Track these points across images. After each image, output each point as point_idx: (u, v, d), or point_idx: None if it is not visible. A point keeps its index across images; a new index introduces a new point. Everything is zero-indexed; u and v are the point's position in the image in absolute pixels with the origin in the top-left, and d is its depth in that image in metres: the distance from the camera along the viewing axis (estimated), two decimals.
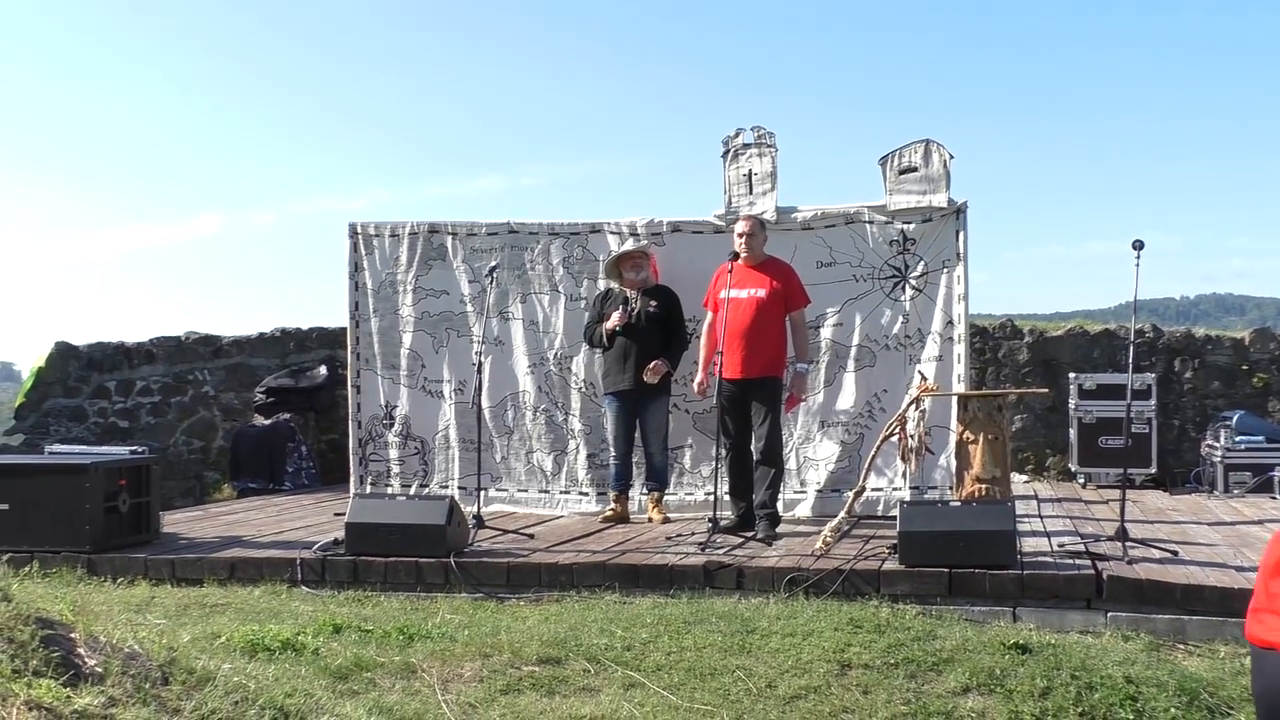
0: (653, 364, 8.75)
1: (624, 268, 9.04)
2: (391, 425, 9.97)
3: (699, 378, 8.66)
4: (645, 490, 9.17)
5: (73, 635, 3.93)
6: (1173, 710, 5.28)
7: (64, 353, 13.76)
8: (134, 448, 9.81)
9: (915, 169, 8.94)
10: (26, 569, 7.31)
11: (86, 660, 3.78)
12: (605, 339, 8.97)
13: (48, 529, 7.78)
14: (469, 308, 9.82)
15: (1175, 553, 7.27)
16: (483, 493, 8.92)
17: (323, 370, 13.26)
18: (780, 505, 8.45)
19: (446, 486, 9.71)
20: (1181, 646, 6.29)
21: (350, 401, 10.16)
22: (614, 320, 8.91)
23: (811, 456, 9.18)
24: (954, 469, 8.31)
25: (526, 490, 9.73)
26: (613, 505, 9.06)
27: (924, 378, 8.63)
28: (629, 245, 9.24)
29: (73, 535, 7.78)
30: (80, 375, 13.72)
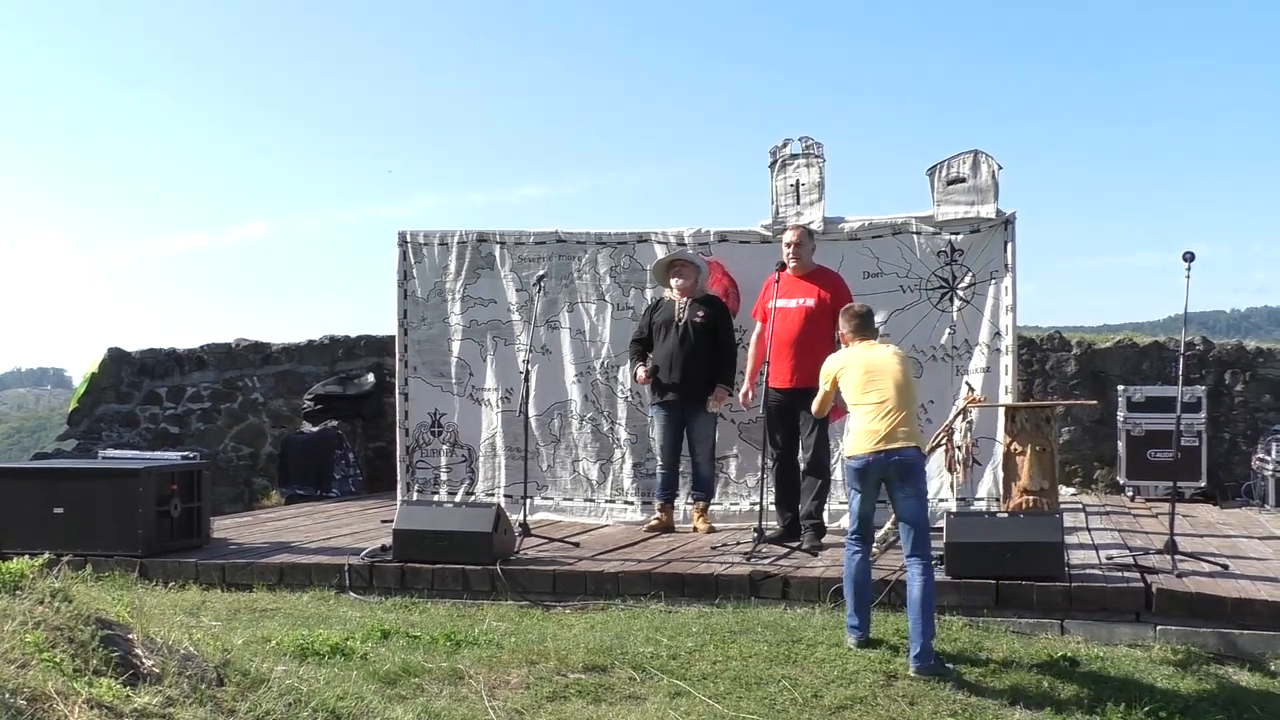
0: (716, 392, 8.82)
1: (672, 274, 9.05)
2: (439, 433, 10.04)
3: (744, 388, 8.67)
4: (691, 500, 9.18)
5: (130, 636, 4.01)
6: None
7: (117, 359, 13.94)
8: (185, 453, 9.93)
9: (963, 179, 8.91)
10: (81, 572, 7.42)
11: (144, 661, 3.85)
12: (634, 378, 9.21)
13: (101, 533, 7.90)
14: (516, 316, 9.87)
15: (1225, 566, 7.22)
16: (529, 501, 8.96)
17: (371, 378, 13.37)
18: (826, 516, 8.42)
19: (493, 494, 9.76)
20: (1232, 660, 6.24)
21: (398, 409, 10.23)
22: (640, 376, 9.10)
23: None
24: (1001, 480, 8.27)
25: (572, 499, 9.76)
26: (658, 514, 9.08)
27: (971, 389, 8.60)
28: (684, 254, 9.24)
29: (126, 539, 7.89)
30: (132, 381, 13.90)
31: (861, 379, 6.25)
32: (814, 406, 6.80)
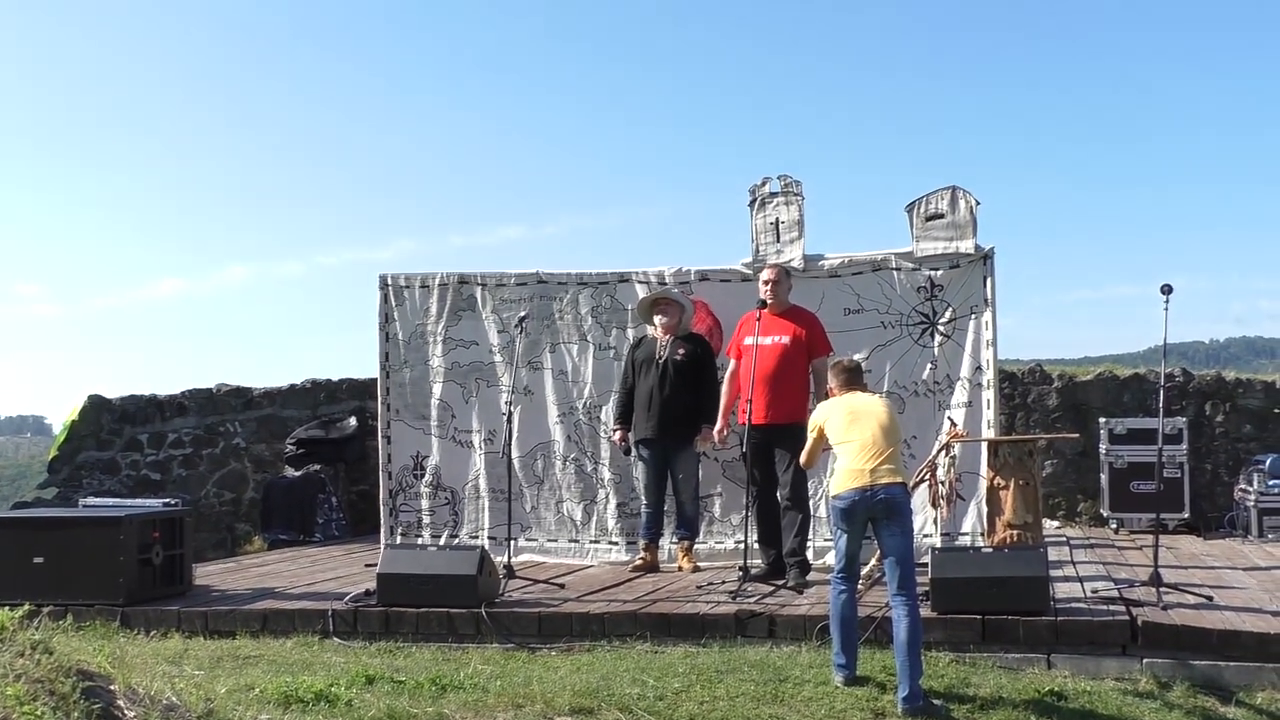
0: (702, 432, 8.82)
1: (656, 311, 9.06)
2: (422, 475, 10.01)
3: (718, 425, 8.68)
4: (675, 539, 9.16)
5: (112, 687, 3.97)
6: None
7: (97, 405, 13.87)
8: (167, 500, 9.87)
9: (942, 215, 8.96)
10: (62, 622, 7.35)
11: (126, 712, 3.81)
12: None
13: (82, 582, 7.84)
14: (498, 358, 9.87)
15: (1210, 598, 7.22)
16: (513, 543, 8.92)
17: (353, 421, 13.32)
18: (810, 553, 8.42)
19: (477, 537, 9.73)
20: (1219, 692, 6.24)
21: (380, 452, 10.20)
22: (616, 439, 9.21)
23: None
24: (985, 515, 8.28)
25: (556, 540, 9.73)
26: (643, 554, 9.05)
27: (954, 423, 8.62)
28: (669, 292, 9.25)
29: (107, 588, 7.84)
30: (113, 428, 13.82)
31: (846, 419, 6.36)
32: (802, 458, 6.90)
